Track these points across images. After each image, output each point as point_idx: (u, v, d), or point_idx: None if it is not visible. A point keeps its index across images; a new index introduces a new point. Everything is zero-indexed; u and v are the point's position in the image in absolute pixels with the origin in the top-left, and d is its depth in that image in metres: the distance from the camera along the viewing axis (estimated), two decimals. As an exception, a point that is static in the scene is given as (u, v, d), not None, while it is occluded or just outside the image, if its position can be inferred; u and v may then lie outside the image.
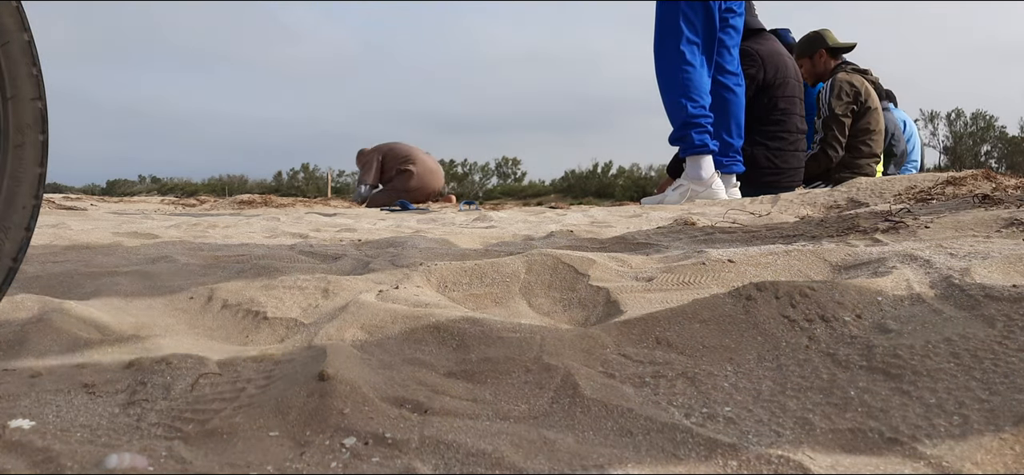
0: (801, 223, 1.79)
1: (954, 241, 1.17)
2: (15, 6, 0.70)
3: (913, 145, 5.00)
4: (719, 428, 0.55)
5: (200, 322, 0.95)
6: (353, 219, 3.25)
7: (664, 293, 0.91)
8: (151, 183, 23.18)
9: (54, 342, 0.79)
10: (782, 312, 0.75)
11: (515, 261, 1.12)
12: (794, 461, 0.47)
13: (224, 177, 22.24)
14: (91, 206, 5.07)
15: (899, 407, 0.55)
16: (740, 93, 4.09)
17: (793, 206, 2.75)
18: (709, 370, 0.67)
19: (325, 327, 0.84)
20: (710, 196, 3.75)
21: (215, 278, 1.17)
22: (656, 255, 1.28)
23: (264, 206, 5.18)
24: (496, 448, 0.51)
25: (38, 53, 0.72)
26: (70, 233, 2.08)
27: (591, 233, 1.81)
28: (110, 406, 0.62)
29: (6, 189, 0.70)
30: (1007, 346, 0.62)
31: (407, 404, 0.61)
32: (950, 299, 0.76)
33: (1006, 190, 2.31)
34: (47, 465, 0.49)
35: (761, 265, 1.02)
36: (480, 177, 22.92)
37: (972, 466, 0.46)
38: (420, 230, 2.21)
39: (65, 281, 1.16)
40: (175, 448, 0.52)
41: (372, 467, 0.50)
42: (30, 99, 0.71)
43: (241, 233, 2.19)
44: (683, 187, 3.83)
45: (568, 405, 0.60)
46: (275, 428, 0.56)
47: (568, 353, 0.70)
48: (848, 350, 0.66)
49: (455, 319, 0.79)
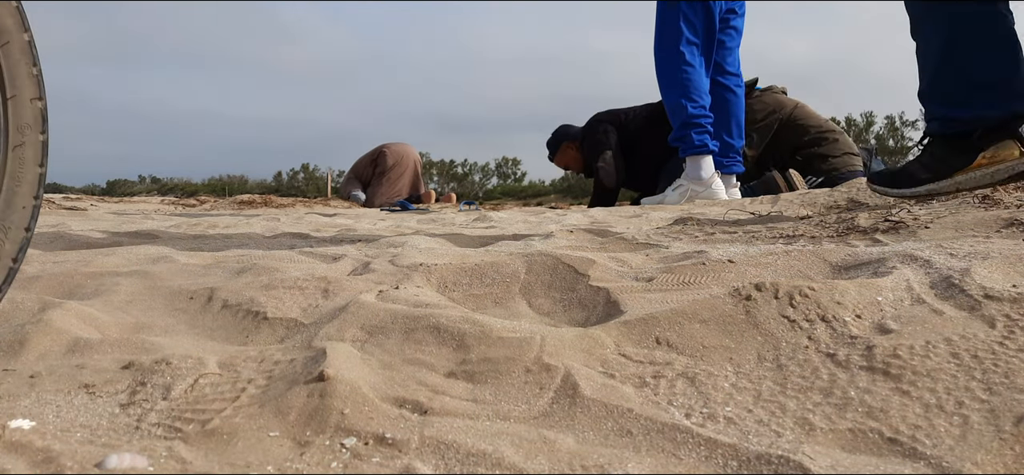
0: (801, 223, 1.79)
1: (954, 241, 1.17)
2: (15, 6, 0.70)
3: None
4: (719, 428, 0.55)
5: (200, 322, 0.95)
6: (353, 219, 3.25)
7: (664, 293, 0.91)
8: (151, 183, 23.17)
9: (54, 342, 0.79)
10: (782, 312, 0.75)
11: (515, 261, 1.12)
12: (794, 461, 0.47)
13: (224, 177, 22.23)
14: (91, 206, 5.07)
15: (899, 407, 0.55)
16: (740, 94, 4.12)
17: (793, 206, 2.75)
18: (709, 370, 0.67)
19: (325, 327, 0.84)
20: (710, 196, 3.75)
21: (215, 278, 1.17)
22: (656, 255, 1.28)
23: (264, 206, 5.18)
24: (496, 448, 0.51)
25: (38, 53, 0.72)
26: (70, 233, 2.08)
27: (591, 233, 1.82)
28: (110, 406, 0.62)
29: (6, 189, 0.70)
30: (1007, 346, 0.62)
31: (407, 404, 0.61)
32: (950, 299, 0.76)
33: (1006, 190, 2.31)
34: (47, 465, 0.49)
35: (761, 265, 1.02)
36: (480, 177, 22.91)
37: (972, 466, 0.46)
38: (420, 230, 2.21)
39: (65, 281, 1.16)
40: (175, 448, 0.52)
41: (372, 467, 0.50)
42: (30, 99, 0.71)
43: (241, 233, 2.20)
44: (683, 187, 3.83)
45: (568, 405, 0.60)
46: (275, 428, 0.56)
47: (568, 353, 0.70)
48: (848, 350, 0.66)
49: (455, 319, 0.79)
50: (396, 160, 6.18)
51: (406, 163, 6.23)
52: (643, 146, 4.53)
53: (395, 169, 6.16)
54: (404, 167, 6.20)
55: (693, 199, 3.73)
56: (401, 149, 6.31)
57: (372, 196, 6.08)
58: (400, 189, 6.15)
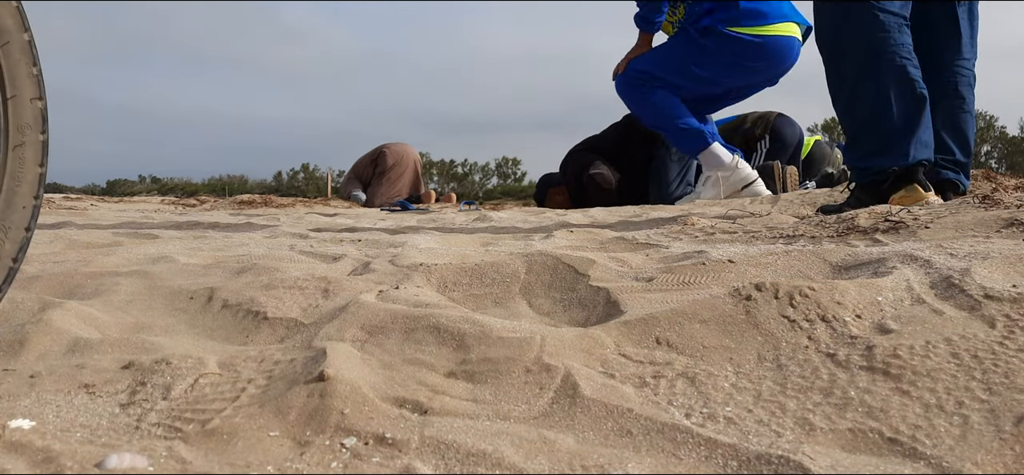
0: (801, 223, 1.79)
1: (954, 241, 1.17)
2: (15, 6, 0.70)
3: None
4: (719, 428, 0.55)
5: (200, 322, 0.95)
6: (353, 219, 3.25)
7: (664, 293, 0.91)
8: (151, 183, 23.16)
9: (54, 342, 0.79)
10: (782, 312, 0.75)
11: (515, 261, 1.12)
12: (794, 461, 0.47)
13: (224, 177, 22.22)
14: (91, 206, 5.07)
15: (899, 407, 0.55)
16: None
17: (793, 206, 2.75)
18: (709, 370, 0.67)
19: (325, 327, 0.84)
20: (740, 178, 3.69)
21: (215, 278, 1.17)
22: (656, 255, 1.28)
23: (264, 206, 5.18)
24: (496, 448, 0.51)
25: (38, 52, 0.72)
26: (70, 233, 2.08)
27: (591, 233, 1.82)
28: (110, 406, 0.62)
29: (6, 189, 0.70)
30: (1007, 346, 0.62)
31: (407, 404, 0.61)
32: (950, 299, 0.76)
33: (1006, 190, 2.32)
34: (47, 465, 0.49)
35: (761, 265, 1.02)
36: (480, 177, 22.88)
37: (972, 466, 0.46)
38: (420, 230, 2.21)
39: (65, 281, 1.16)
40: (175, 448, 0.52)
41: (372, 467, 0.50)
42: (31, 99, 0.71)
43: (241, 233, 2.20)
44: (711, 177, 3.79)
45: (568, 405, 0.60)
46: (275, 428, 0.56)
47: (568, 353, 0.70)
48: (848, 350, 0.66)
49: (455, 319, 0.79)
50: (396, 160, 6.18)
51: (406, 163, 6.23)
52: (624, 160, 4.61)
53: (395, 169, 6.16)
54: (404, 167, 6.20)
55: (729, 187, 3.68)
56: (401, 149, 6.32)
57: (372, 196, 6.08)
58: (400, 189, 6.14)
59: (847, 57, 2.02)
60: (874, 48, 1.95)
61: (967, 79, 2.17)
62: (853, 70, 2.00)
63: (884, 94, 1.96)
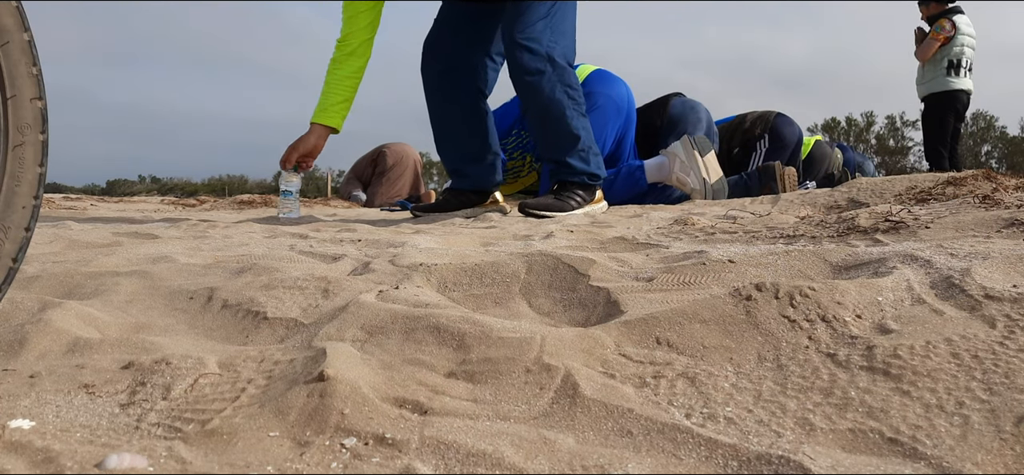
0: (801, 223, 1.79)
1: (955, 241, 1.17)
2: (15, 6, 0.70)
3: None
4: (719, 428, 0.55)
5: (200, 322, 0.95)
6: (353, 219, 3.25)
7: (664, 293, 0.91)
8: (151, 183, 23.18)
9: (54, 342, 0.79)
10: (782, 312, 0.75)
11: (515, 261, 1.12)
12: (794, 461, 0.47)
13: (224, 177, 22.23)
14: (91, 206, 5.07)
15: (899, 407, 0.55)
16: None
17: (793, 206, 2.75)
18: (709, 370, 0.67)
19: (325, 327, 0.84)
20: (689, 165, 3.66)
21: (215, 278, 1.17)
22: (656, 255, 1.28)
23: (264, 206, 5.17)
24: (496, 449, 0.51)
25: (38, 52, 0.72)
26: (70, 233, 2.08)
27: (591, 233, 1.81)
28: (110, 406, 0.62)
29: (6, 189, 0.70)
30: (1007, 346, 0.62)
31: (407, 404, 0.61)
32: (950, 299, 0.76)
33: (1007, 190, 2.31)
34: (47, 465, 0.49)
35: (762, 265, 1.02)
36: (480, 177, 22.82)
37: (972, 466, 0.46)
38: (420, 230, 2.21)
39: (65, 281, 1.16)
40: (175, 448, 0.52)
41: (372, 467, 0.50)
42: (30, 99, 0.71)
43: (241, 233, 2.19)
44: (671, 154, 3.77)
45: (568, 405, 0.60)
46: (275, 428, 0.56)
47: (568, 353, 0.70)
48: (848, 350, 0.66)
49: (455, 319, 0.79)
50: (396, 160, 6.18)
51: (406, 163, 6.23)
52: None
53: (395, 169, 6.16)
54: (404, 167, 6.20)
55: (679, 171, 3.64)
56: (401, 149, 6.32)
57: (372, 196, 6.08)
58: (400, 189, 6.14)
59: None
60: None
61: None
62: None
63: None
